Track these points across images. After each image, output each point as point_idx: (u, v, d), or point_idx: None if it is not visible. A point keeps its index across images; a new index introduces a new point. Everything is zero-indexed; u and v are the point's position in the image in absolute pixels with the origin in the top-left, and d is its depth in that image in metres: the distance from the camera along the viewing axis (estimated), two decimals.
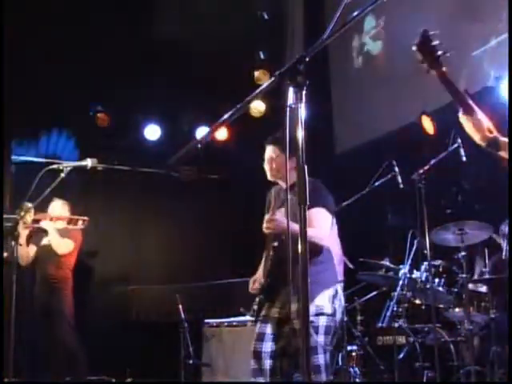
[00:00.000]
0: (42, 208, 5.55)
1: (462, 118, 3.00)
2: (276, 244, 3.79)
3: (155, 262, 7.52)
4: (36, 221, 5.63)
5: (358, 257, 5.40)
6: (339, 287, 3.78)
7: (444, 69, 2.83)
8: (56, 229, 5.80)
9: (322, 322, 3.61)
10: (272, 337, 3.70)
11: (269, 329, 3.72)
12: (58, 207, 5.98)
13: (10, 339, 4.36)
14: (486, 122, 3.02)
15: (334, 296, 3.69)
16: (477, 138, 3.01)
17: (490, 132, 2.99)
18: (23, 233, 5.71)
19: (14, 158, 5.13)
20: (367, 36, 6.94)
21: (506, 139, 3.03)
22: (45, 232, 5.86)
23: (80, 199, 6.50)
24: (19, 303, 4.43)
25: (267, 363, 3.66)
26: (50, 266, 5.92)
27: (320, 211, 3.65)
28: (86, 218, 5.61)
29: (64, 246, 5.89)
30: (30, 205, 4.90)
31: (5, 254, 4.99)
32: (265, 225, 3.67)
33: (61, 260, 5.93)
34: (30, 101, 6.76)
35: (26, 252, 5.93)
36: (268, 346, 3.68)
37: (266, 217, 3.69)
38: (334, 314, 3.66)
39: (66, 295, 5.87)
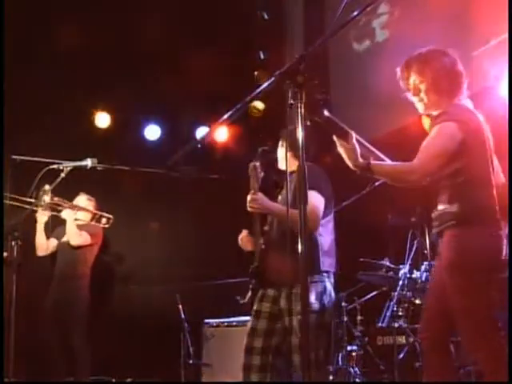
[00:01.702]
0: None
1: (337, 143, 3.03)
2: (267, 228, 3.79)
3: (155, 262, 7.52)
4: (56, 209, 5.57)
5: (358, 257, 5.40)
6: (328, 282, 3.69)
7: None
8: (75, 219, 5.67)
9: (311, 319, 3.58)
10: (263, 332, 3.67)
11: (260, 324, 3.69)
12: (83, 202, 5.87)
13: (9, 339, 4.36)
14: (362, 149, 3.09)
15: (323, 292, 3.63)
16: (349, 164, 3.06)
17: (364, 158, 3.05)
18: (41, 218, 5.67)
19: (14, 156, 5.11)
20: (377, 21, 6.91)
21: (380, 164, 3.09)
22: (64, 223, 5.74)
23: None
24: (29, 300, 4.43)
25: (257, 359, 3.63)
26: (68, 262, 5.80)
27: (310, 194, 3.62)
28: (110, 215, 5.45)
29: (78, 238, 5.71)
30: (47, 187, 4.89)
31: (5, 254, 4.99)
32: (248, 204, 3.67)
33: (79, 256, 5.79)
34: (30, 101, 6.77)
35: (45, 242, 5.82)
36: (259, 342, 3.65)
37: (249, 196, 3.69)
38: (323, 311, 3.61)
39: (81, 294, 5.74)
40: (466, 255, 2.98)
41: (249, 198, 3.65)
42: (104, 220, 5.39)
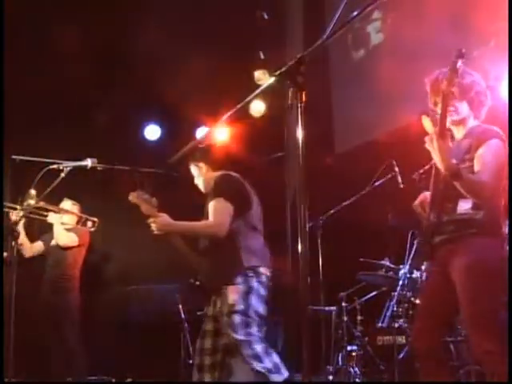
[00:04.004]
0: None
1: (433, 141, 3.02)
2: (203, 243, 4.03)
3: (155, 262, 7.51)
4: (42, 214, 5.59)
5: (358, 257, 5.40)
6: (255, 281, 3.79)
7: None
8: (62, 223, 5.74)
9: (237, 319, 3.71)
10: (211, 333, 3.85)
11: (208, 326, 3.89)
12: (68, 207, 5.93)
13: (10, 339, 4.36)
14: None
15: (248, 293, 3.76)
16: (441, 165, 3.03)
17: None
18: (21, 221, 5.72)
19: (14, 156, 5.12)
20: (371, 26, 6.92)
21: (465, 170, 3.09)
22: (51, 228, 5.79)
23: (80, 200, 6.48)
24: (24, 302, 4.43)
25: (207, 359, 3.81)
26: (57, 263, 5.87)
27: (216, 201, 3.85)
28: (95, 219, 5.52)
29: (65, 238, 5.79)
30: (33, 192, 4.92)
31: (5, 254, 4.99)
32: (153, 227, 3.95)
33: (68, 258, 5.85)
34: (30, 100, 6.77)
35: (27, 243, 5.87)
36: (208, 343, 3.84)
37: (150, 219, 3.95)
38: (247, 309, 3.73)
39: (71, 295, 5.82)
40: (485, 262, 3.09)
41: (150, 221, 3.78)
42: (90, 223, 5.49)
